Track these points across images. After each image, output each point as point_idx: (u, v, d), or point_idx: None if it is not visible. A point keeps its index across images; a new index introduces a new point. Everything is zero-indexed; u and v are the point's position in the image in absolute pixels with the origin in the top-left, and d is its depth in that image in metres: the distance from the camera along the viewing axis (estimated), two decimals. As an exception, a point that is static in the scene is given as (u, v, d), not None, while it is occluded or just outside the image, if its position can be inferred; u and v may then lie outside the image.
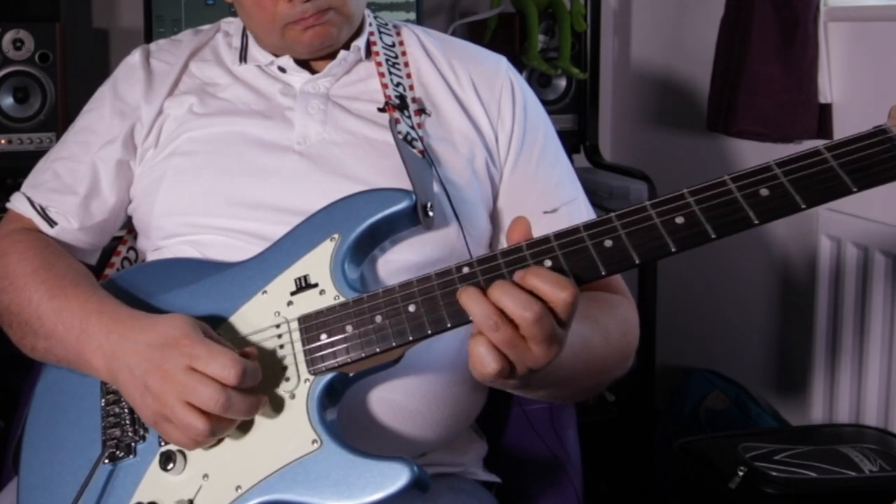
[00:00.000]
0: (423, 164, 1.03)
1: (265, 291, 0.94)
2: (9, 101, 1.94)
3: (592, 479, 1.40)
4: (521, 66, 2.23)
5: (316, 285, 0.92)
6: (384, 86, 1.10)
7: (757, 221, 0.76)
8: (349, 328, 0.87)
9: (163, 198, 1.07)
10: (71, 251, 1.11)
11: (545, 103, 1.22)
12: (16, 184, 1.16)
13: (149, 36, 2.06)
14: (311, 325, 0.90)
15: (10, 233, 1.10)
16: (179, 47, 1.17)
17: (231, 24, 1.20)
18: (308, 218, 0.97)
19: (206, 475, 0.89)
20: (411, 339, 0.85)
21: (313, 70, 1.14)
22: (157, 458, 0.91)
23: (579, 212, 1.13)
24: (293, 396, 0.89)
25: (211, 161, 1.07)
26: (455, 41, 1.21)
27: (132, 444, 0.93)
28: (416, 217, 0.96)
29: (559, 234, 0.81)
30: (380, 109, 1.08)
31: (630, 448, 2.27)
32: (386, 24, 1.19)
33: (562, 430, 1.24)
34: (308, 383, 0.88)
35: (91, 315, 0.95)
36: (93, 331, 0.94)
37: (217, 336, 0.91)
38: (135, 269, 1.09)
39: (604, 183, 2.22)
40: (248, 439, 0.89)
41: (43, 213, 1.10)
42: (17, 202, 1.13)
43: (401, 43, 1.17)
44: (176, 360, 0.86)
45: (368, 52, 1.14)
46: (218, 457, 0.89)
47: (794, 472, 1.56)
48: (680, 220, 0.78)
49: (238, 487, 0.87)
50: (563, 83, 2.34)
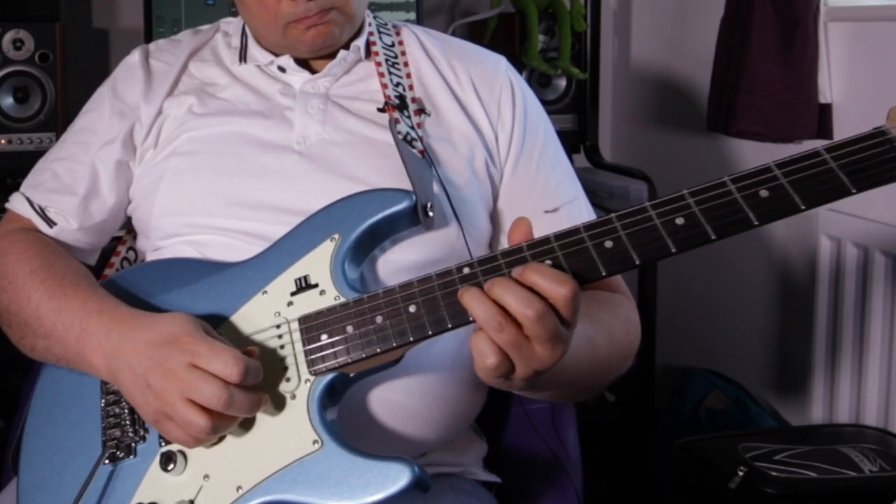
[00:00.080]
0: (423, 164, 1.03)
1: (265, 292, 0.94)
2: (9, 101, 1.94)
3: (592, 479, 1.40)
4: (521, 66, 2.23)
5: (316, 285, 0.92)
6: (384, 86, 1.10)
7: (757, 222, 0.76)
8: (350, 328, 0.87)
9: (162, 198, 1.07)
10: (70, 251, 1.11)
11: (545, 103, 1.22)
12: (16, 184, 1.16)
13: (149, 36, 2.06)
14: (311, 325, 0.90)
15: (9, 233, 1.10)
16: (179, 47, 1.17)
17: (230, 24, 1.20)
18: (308, 218, 0.97)
19: (206, 475, 0.89)
20: (412, 339, 0.85)
21: (313, 70, 1.13)
22: (157, 459, 0.91)
23: (580, 211, 1.13)
24: (294, 397, 0.88)
25: (210, 161, 1.07)
26: (455, 41, 1.20)
27: (132, 444, 0.93)
28: (416, 217, 0.96)
29: (559, 235, 0.81)
30: (379, 109, 1.08)
31: (630, 448, 2.27)
32: (385, 24, 1.19)
33: (562, 430, 1.24)
34: (308, 384, 0.88)
35: (91, 314, 0.95)
36: (93, 330, 0.94)
37: (218, 335, 0.91)
38: (134, 270, 1.08)
39: (604, 183, 2.22)
40: (249, 440, 0.89)
41: (42, 214, 1.10)
42: (17, 202, 1.13)
43: (400, 43, 1.17)
44: (177, 357, 0.86)
45: (368, 51, 1.14)
46: (218, 457, 0.89)
47: (794, 472, 1.56)
48: (680, 220, 0.78)
49: (239, 488, 0.87)
50: (563, 83, 2.34)
